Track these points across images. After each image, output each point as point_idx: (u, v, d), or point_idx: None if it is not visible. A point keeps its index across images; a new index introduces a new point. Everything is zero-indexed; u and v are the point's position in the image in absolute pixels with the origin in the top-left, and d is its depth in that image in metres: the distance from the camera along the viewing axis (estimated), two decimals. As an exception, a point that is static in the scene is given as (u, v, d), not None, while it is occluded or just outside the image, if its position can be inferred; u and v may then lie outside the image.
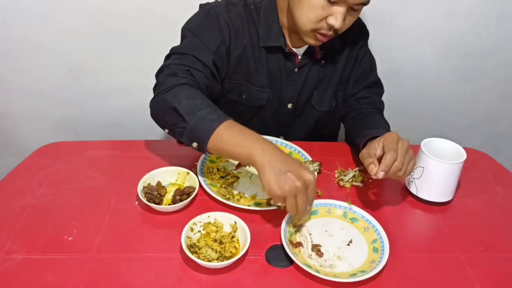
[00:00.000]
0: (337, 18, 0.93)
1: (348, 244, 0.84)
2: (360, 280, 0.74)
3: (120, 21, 1.38)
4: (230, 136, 0.82)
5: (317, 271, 0.75)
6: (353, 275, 0.75)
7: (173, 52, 1.00)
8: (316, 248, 0.82)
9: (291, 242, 0.82)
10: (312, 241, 0.84)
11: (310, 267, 0.76)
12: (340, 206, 0.90)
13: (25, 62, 1.45)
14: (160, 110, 0.91)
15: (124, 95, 1.10)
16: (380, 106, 1.18)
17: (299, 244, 0.82)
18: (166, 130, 0.92)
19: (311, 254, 0.81)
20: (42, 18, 1.36)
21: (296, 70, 1.10)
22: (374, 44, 1.18)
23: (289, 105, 1.16)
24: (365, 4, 0.94)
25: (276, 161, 0.77)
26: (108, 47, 1.43)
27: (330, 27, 0.95)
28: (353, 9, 0.94)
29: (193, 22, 1.05)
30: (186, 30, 1.03)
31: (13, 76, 1.48)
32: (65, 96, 1.53)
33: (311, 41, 1.00)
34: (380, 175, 0.81)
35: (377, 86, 1.20)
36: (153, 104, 0.94)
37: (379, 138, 0.88)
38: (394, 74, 1.52)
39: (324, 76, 1.14)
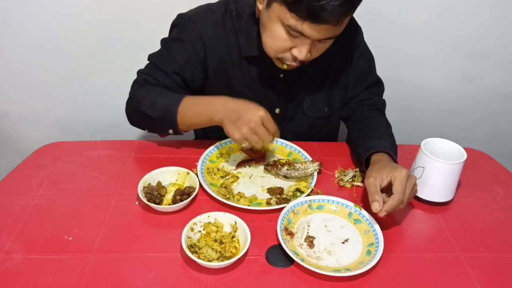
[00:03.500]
0: (301, 51, 0.89)
1: (343, 242, 0.84)
2: (354, 277, 0.74)
3: (120, 21, 1.38)
4: (189, 111, 0.96)
5: (302, 260, 0.76)
6: (337, 271, 0.76)
7: (148, 59, 1.08)
8: (309, 239, 0.84)
9: (286, 229, 0.84)
10: (308, 232, 0.85)
11: (297, 254, 0.78)
12: (347, 205, 0.90)
13: (25, 62, 1.45)
14: (132, 116, 1.06)
15: (124, 95, 1.10)
16: (382, 107, 1.18)
17: (292, 234, 0.84)
18: (147, 130, 1.05)
19: (302, 244, 0.83)
20: (42, 18, 1.36)
21: (281, 76, 1.07)
22: (374, 44, 1.18)
23: (277, 110, 1.13)
24: (333, 38, 0.89)
25: (230, 113, 0.90)
26: (108, 47, 1.43)
27: (295, 58, 0.91)
28: (320, 41, 0.89)
29: (169, 34, 1.08)
30: (162, 41, 1.08)
31: (13, 76, 1.48)
32: (65, 96, 1.53)
33: (279, 66, 0.99)
34: (382, 214, 0.82)
35: (377, 86, 1.18)
36: (126, 112, 1.06)
37: (388, 171, 0.85)
38: (394, 74, 1.52)
39: (314, 81, 1.11)
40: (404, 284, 0.76)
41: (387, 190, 0.85)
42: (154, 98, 0.99)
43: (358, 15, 1.11)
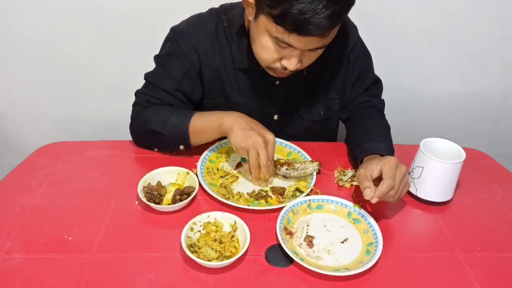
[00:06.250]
0: (290, 62, 0.89)
1: (342, 242, 0.84)
2: (353, 277, 0.74)
3: (120, 21, 1.38)
4: (201, 122, 0.97)
5: (302, 259, 0.76)
6: (336, 270, 0.76)
7: (144, 79, 1.08)
8: (309, 239, 0.84)
9: (285, 228, 0.84)
10: (307, 232, 0.85)
11: (296, 254, 0.78)
12: (346, 205, 0.91)
13: (25, 62, 1.45)
14: (140, 137, 1.06)
15: (124, 95, 1.11)
16: (381, 107, 1.17)
17: (292, 234, 0.84)
18: (156, 149, 1.05)
19: (301, 244, 0.83)
20: (42, 18, 1.36)
21: (277, 82, 1.07)
22: (374, 45, 1.18)
23: (275, 117, 1.13)
24: (323, 47, 0.89)
25: (242, 122, 0.92)
26: (108, 47, 1.43)
27: (285, 68, 0.91)
28: (310, 50, 0.88)
29: (162, 49, 1.08)
30: (155, 58, 1.07)
31: (13, 76, 1.48)
32: (65, 96, 1.54)
33: (272, 74, 0.99)
34: (374, 200, 0.82)
35: (376, 86, 1.18)
36: (132, 133, 1.07)
37: (378, 161, 0.87)
38: (394, 74, 1.52)
39: (309, 85, 1.11)
40: (403, 283, 0.76)
41: (379, 181, 0.85)
42: (165, 116, 0.99)
43: (359, 16, 1.11)
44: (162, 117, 0.99)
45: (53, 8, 1.34)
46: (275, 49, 0.88)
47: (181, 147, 1.00)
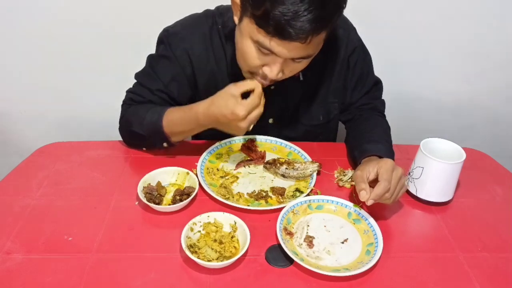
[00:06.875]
0: (271, 70, 0.86)
1: (342, 242, 0.84)
2: (354, 277, 0.74)
3: (120, 21, 1.38)
4: (176, 121, 0.95)
5: (302, 260, 0.76)
6: (336, 270, 0.76)
7: (134, 78, 1.08)
8: (309, 239, 0.84)
9: (285, 229, 0.84)
10: (307, 232, 0.85)
11: (296, 254, 0.78)
12: (346, 205, 0.91)
13: (25, 62, 1.45)
14: (126, 137, 1.06)
15: (124, 95, 1.11)
16: (381, 108, 1.17)
17: (292, 234, 0.84)
18: (144, 149, 1.05)
19: (302, 244, 0.83)
20: (42, 18, 1.36)
21: (272, 87, 1.04)
22: (375, 44, 1.18)
23: (270, 120, 1.12)
24: (306, 58, 0.86)
25: (215, 118, 0.87)
26: (108, 47, 1.43)
27: (265, 76, 0.88)
28: (293, 60, 0.85)
29: (156, 50, 1.07)
30: (147, 57, 1.07)
31: (13, 76, 1.48)
32: (65, 96, 1.54)
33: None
34: (369, 202, 0.82)
35: (377, 88, 1.17)
36: (121, 134, 1.07)
37: (375, 163, 0.87)
38: (394, 74, 1.52)
39: (308, 90, 1.10)
40: (403, 284, 0.76)
41: (376, 184, 0.85)
42: (141, 115, 0.98)
43: (359, 16, 1.11)
44: (139, 117, 0.99)
45: (53, 8, 1.34)
46: (257, 56, 0.86)
47: (165, 144, 0.99)
